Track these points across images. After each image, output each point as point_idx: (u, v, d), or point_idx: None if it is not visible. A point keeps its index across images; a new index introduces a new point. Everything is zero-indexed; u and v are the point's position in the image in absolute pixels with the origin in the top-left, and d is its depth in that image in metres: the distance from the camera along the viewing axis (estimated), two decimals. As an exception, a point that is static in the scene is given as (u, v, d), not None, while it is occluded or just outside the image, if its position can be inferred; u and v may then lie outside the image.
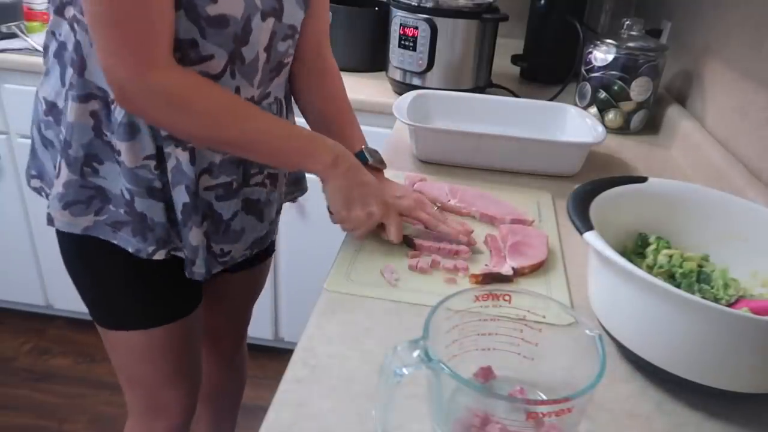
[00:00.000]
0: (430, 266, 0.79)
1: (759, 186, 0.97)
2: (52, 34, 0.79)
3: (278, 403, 0.59)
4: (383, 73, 1.57)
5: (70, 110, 0.77)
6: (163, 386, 0.98)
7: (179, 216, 0.81)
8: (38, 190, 0.89)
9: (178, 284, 0.89)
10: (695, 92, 1.37)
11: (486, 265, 0.82)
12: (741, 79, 1.14)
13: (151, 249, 0.82)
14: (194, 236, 0.83)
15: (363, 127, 1.46)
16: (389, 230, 0.82)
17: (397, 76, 1.48)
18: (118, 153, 0.77)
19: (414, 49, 1.41)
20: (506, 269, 0.79)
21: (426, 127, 1.12)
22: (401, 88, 1.46)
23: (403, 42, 1.42)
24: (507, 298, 0.56)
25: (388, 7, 1.46)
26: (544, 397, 0.57)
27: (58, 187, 0.80)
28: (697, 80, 1.37)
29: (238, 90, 0.80)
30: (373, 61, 1.65)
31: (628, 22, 1.34)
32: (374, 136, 1.44)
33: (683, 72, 1.46)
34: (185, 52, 0.74)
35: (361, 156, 0.90)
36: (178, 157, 0.78)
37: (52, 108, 0.80)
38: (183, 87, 0.71)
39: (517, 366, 0.58)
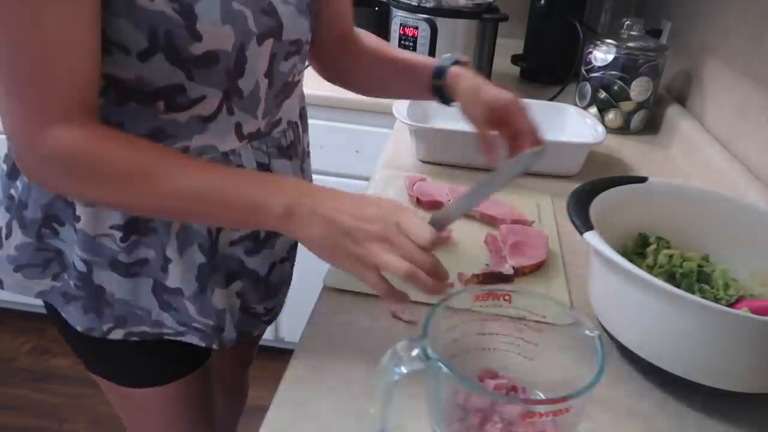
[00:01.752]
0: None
1: (759, 186, 0.97)
2: None
3: (278, 403, 0.59)
4: (383, 73, 1.56)
5: None
6: None
7: (194, 284, 0.71)
8: None
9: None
10: (695, 92, 1.37)
11: (486, 265, 0.82)
12: (741, 78, 1.14)
13: (106, 327, 0.72)
14: (219, 299, 0.73)
15: (363, 128, 1.48)
16: (412, 233, 0.56)
17: (397, 76, 1.48)
18: (77, 219, 0.66)
19: (414, 49, 1.41)
20: (506, 269, 0.79)
21: (426, 127, 1.12)
22: (401, 88, 1.46)
23: (403, 42, 1.42)
24: (507, 298, 0.56)
25: (388, 7, 1.46)
26: (544, 397, 0.57)
27: (8, 249, 0.71)
28: (697, 80, 1.37)
29: (239, 127, 0.69)
30: (373, 61, 1.65)
31: (628, 22, 1.34)
32: (374, 136, 1.45)
33: (683, 72, 1.46)
34: (171, 99, 0.62)
35: (447, 61, 0.82)
36: None
37: (11, 160, 0.68)
38: (82, 151, 0.56)
39: (517, 366, 0.58)
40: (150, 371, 0.80)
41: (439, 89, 0.82)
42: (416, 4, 1.38)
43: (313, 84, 1.07)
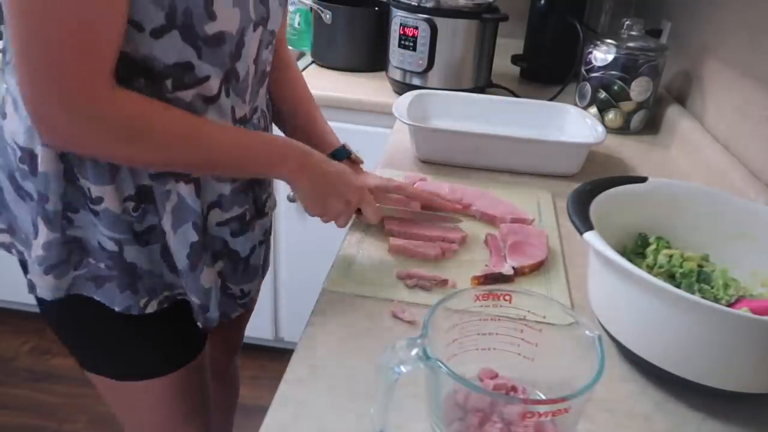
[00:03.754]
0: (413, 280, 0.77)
1: (759, 186, 0.97)
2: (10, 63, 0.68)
3: (278, 403, 0.59)
4: (383, 73, 1.56)
5: (42, 158, 0.66)
6: (177, 430, 0.91)
7: (185, 261, 0.73)
8: (7, 247, 0.78)
9: (189, 322, 0.81)
10: (695, 92, 1.37)
11: (486, 265, 0.82)
12: (741, 78, 1.14)
13: (143, 302, 0.75)
14: (206, 278, 0.76)
15: (363, 128, 1.48)
16: (366, 212, 0.83)
17: (397, 76, 1.48)
18: (98, 200, 0.68)
19: (414, 49, 1.41)
20: (506, 269, 0.79)
21: (426, 127, 1.12)
22: (401, 88, 1.46)
23: (403, 42, 1.42)
24: (507, 298, 0.56)
25: (388, 7, 1.46)
26: (543, 397, 0.57)
27: (36, 250, 0.70)
28: (697, 80, 1.37)
29: (233, 110, 0.74)
30: (373, 61, 1.65)
31: (628, 22, 1.34)
32: (374, 136, 1.45)
33: (683, 72, 1.46)
34: (178, 77, 0.66)
35: (342, 153, 0.91)
36: (180, 192, 0.71)
37: (30, 156, 0.68)
38: (126, 114, 0.61)
39: (517, 366, 0.58)
40: (145, 364, 0.82)
41: None
42: (416, 4, 1.38)
43: (313, 84, 1.07)
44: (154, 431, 0.90)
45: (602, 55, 1.34)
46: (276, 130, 0.94)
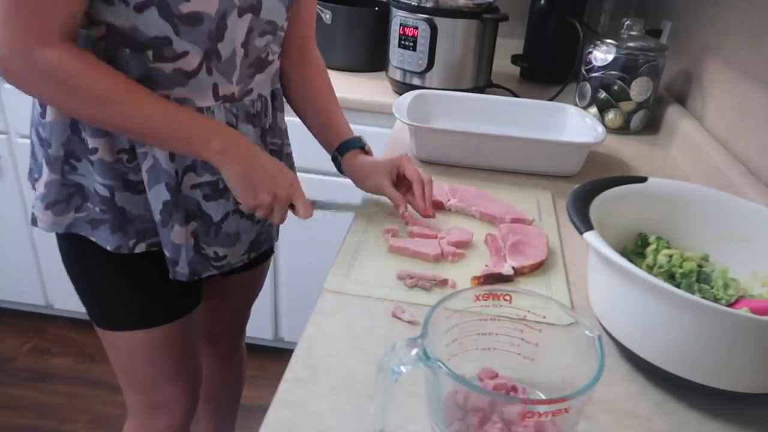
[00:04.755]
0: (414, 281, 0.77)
1: (759, 186, 0.97)
2: None
3: (278, 403, 0.59)
4: (383, 73, 1.57)
5: (50, 109, 0.77)
6: (164, 385, 0.98)
7: (158, 216, 0.81)
8: (33, 181, 0.89)
9: (177, 283, 0.88)
10: (695, 92, 1.37)
11: (486, 265, 0.82)
12: (741, 78, 1.14)
13: (132, 243, 0.83)
14: (176, 235, 0.82)
15: (363, 128, 1.48)
16: (297, 208, 0.82)
17: (397, 76, 1.48)
18: (93, 150, 0.77)
19: (414, 49, 1.41)
20: (506, 269, 0.79)
21: (426, 127, 1.12)
22: (401, 88, 1.46)
23: (403, 42, 1.42)
24: (507, 298, 0.56)
25: (388, 7, 1.46)
26: (543, 398, 0.57)
27: (40, 188, 0.81)
28: (697, 80, 1.37)
29: (216, 87, 0.80)
30: (373, 61, 1.65)
31: (628, 22, 1.34)
32: (374, 136, 1.45)
33: (683, 72, 1.46)
34: (159, 50, 0.73)
35: (355, 143, 0.95)
36: (155, 155, 0.78)
37: (42, 105, 0.79)
38: (69, 67, 0.68)
39: (517, 366, 0.58)
40: (132, 314, 0.90)
41: (336, 160, 0.97)
42: (416, 4, 1.38)
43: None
44: (142, 383, 0.98)
45: (602, 55, 1.34)
46: (291, 125, 0.97)
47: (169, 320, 0.92)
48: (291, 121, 1.00)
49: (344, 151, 0.95)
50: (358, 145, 0.95)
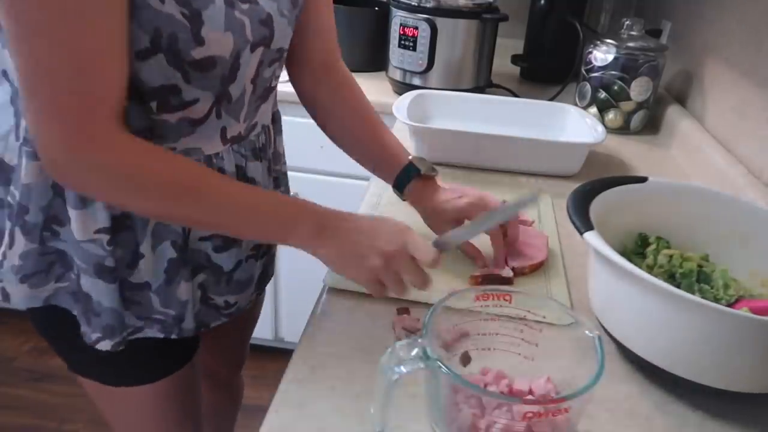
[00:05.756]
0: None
1: (759, 186, 0.97)
2: (2, 74, 0.65)
3: (278, 403, 0.59)
4: (383, 73, 1.56)
5: (26, 170, 0.64)
6: None
7: (162, 276, 0.71)
8: None
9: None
10: (695, 92, 1.37)
11: (486, 265, 0.82)
12: (741, 78, 1.14)
13: (95, 337, 0.71)
14: (183, 291, 0.73)
15: (363, 127, 1.47)
16: (417, 255, 0.64)
17: (397, 76, 1.48)
18: (69, 220, 0.67)
19: (414, 49, 1.41)
20: (506, 271, 0.79)
21: (426, 127, 1.12)
22: (401, 88, 1.46)
23: (403, 42, 1.42)
24: (507, 298, 0.56)
25: (388, 7, 1.46)
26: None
27: (12, 259, 0.68)
28: (697, 80, 1.37)
29: (224, 130, 0.70)
30: (373, 61, 1.65)
31: (628, 22, 1.34)
32: (374, 136, 1.45)
33: (683, 72, 1.46)
34: (165, 100, 0.63)
35: (410, 169, 0.83)
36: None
37: (21, 167, 0.66)
38: (129, 163, 0.59)
39: (517, 366, 0.58)
40: (136, 370, 0.80)
41: (400, 190, 0.85)
42: (416, 4, 1.38)
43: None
44: None
45: (602, 55, 1.34)
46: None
47: (173, 371, 0.83)
48: (288, 120, 0.99)
49: (402, 186, 0.83)
50: (414, 172, 0.83)
